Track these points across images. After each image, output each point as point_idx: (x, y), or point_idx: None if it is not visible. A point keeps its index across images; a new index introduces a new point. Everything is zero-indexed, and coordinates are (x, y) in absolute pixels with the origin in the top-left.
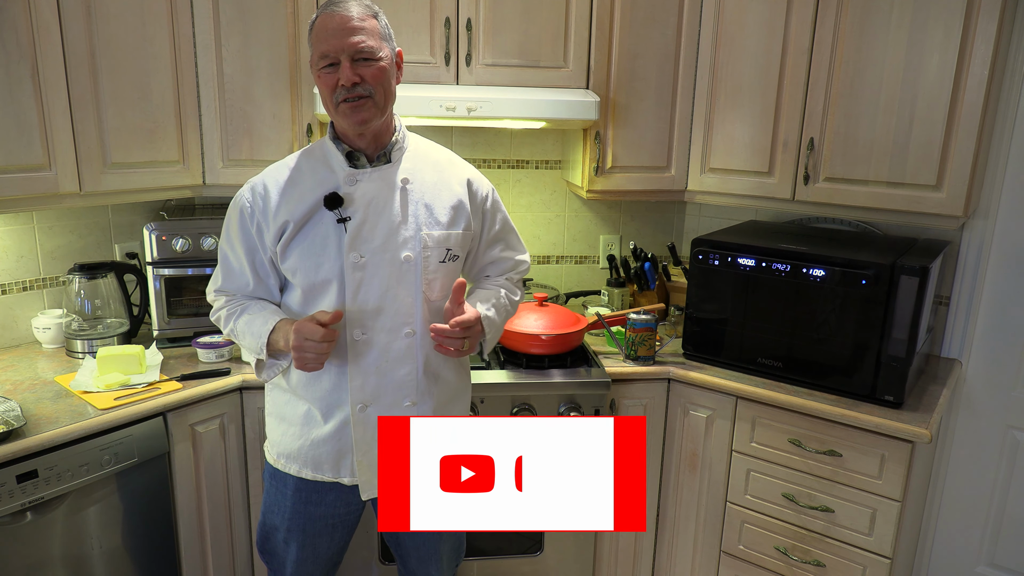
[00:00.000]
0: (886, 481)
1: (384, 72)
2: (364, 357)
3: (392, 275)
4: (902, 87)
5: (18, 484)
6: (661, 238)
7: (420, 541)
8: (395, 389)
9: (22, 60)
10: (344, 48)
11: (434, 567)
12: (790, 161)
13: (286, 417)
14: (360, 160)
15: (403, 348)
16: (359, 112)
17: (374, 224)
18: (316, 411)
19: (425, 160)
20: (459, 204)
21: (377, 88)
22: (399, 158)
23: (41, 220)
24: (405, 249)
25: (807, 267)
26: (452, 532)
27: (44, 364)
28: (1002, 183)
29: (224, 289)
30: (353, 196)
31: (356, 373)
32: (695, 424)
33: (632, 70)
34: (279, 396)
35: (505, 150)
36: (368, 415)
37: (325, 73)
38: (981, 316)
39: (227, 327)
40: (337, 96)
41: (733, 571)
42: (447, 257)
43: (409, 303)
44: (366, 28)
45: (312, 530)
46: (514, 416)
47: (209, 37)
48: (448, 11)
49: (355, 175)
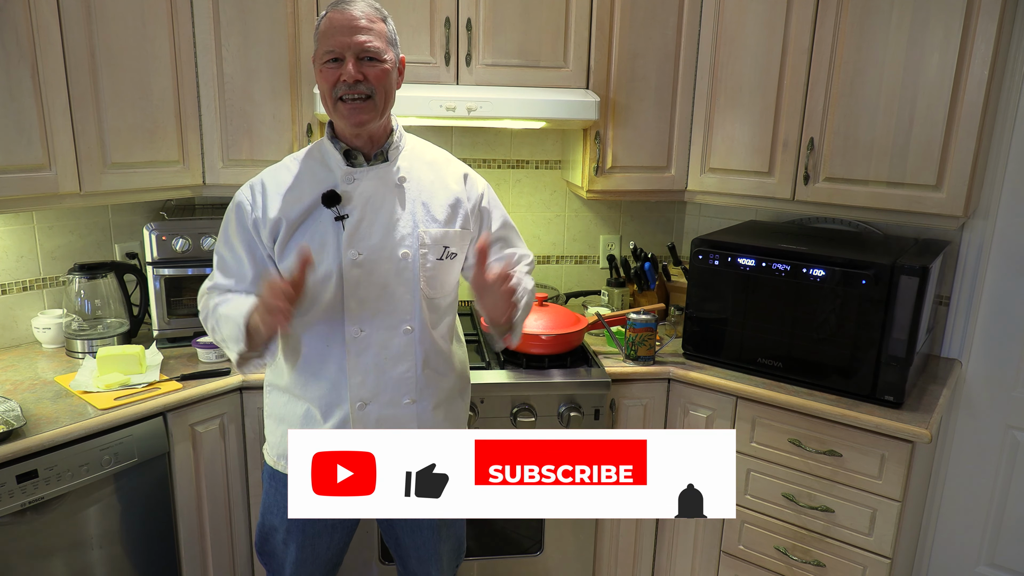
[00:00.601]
0: (886, 481)
1: (387, 74)
2: (363, 354)
3: (390, 272)
4: (902, 87)
5: (18, 484)
6: (661, 238)
7: (420, 541)
8: (394, 386)
9: (22, 60)
10: (351, 45)
11: (434, 568)
12: (790, 161)
13: (285, 418)
14: (358, 159)
15: (401, 345)
16: (358, 114)
17: (372, 222)
18: (315, 410)
19: (421, 159)
20: (456, 202)
21: (379, 89)
22: (396, 157)
23: (41, 220)
24: (403, 246)
25: (807, 267)
26: (452, 532)
27: (44, 364)
28: (1002, 183)
29: (218, 285)
30: (351, 194)
31: (355, 371)
32: (695, 424)
33: (632, 70)
34: (278, 397)
35: (505, 150)
36: (367, 413)
37: (328, 68)
38: (981, 316)
39: (210, 321)
40: (337, 91)
41: (733, 571)
42: (445, 255)
43: (407, 300)
44: (374, 29)
45: (311, 530)
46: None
47: (209, 37)
48: (448, 11)
49: (352, 173)
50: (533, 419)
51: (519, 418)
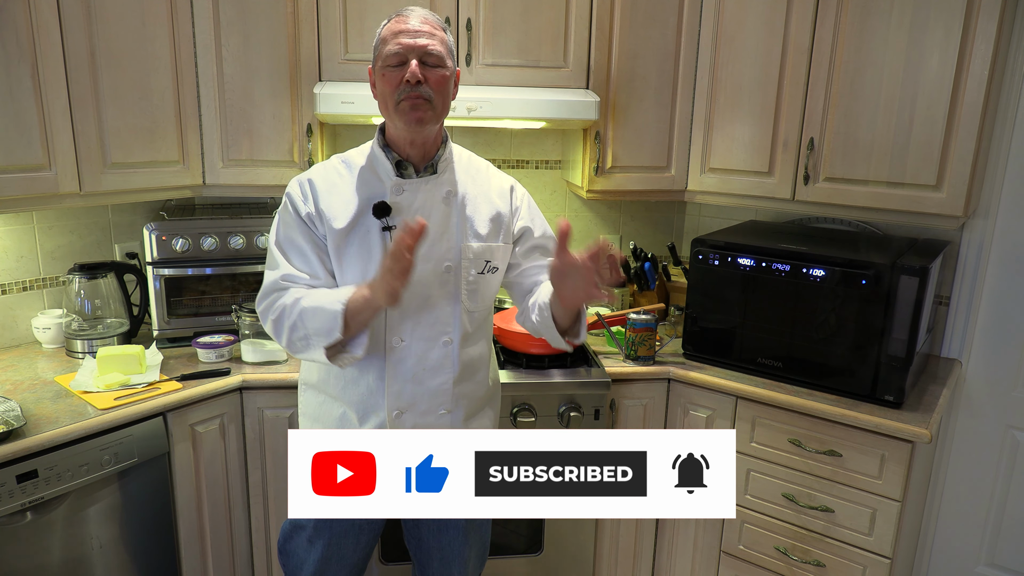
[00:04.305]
0: (886, 481)
1: (446, 81)
2: (402, 364)
3: (433, 284)
4: (902, 87)
5: (18, 484)
6: (661, 238)
7: (446, 542)
8: (431, 397)
9: (22, 60)
10: (415, 49)
11: (457, 570)
12: (790, 161)
13: (320, 418)
14: (408, 170)
15: (440, 357)
16: (418, 110)
17: None
18: (352, 414)
19: (467, 172)
20: (498, 216)
21: (438, 95)
22: (445, 169)
23: (41, 220)
24: (446, 259)
25: (807, 267)
26: (479, 536)
27: (44, 364)
28: (1002, 183)
29: (290, 276)
30: (400, 205)
31: (393, 379)
32: (695, 424)
33: (632, 70)
34: (314, 397)
35: (505, 150)
36: (403, 421)
37: (390, 71)
38: (981, 316)
39: (288, 319)
40: (399, 94)
41: (733, 571)
42: (486, 269)
43: (448, 312)
44: (437, 36)
45: (339, 529)
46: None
47: (209, 37)
48: (448, 11)
49: (402, 185)
50: (533, 419)
51: (519, 418)
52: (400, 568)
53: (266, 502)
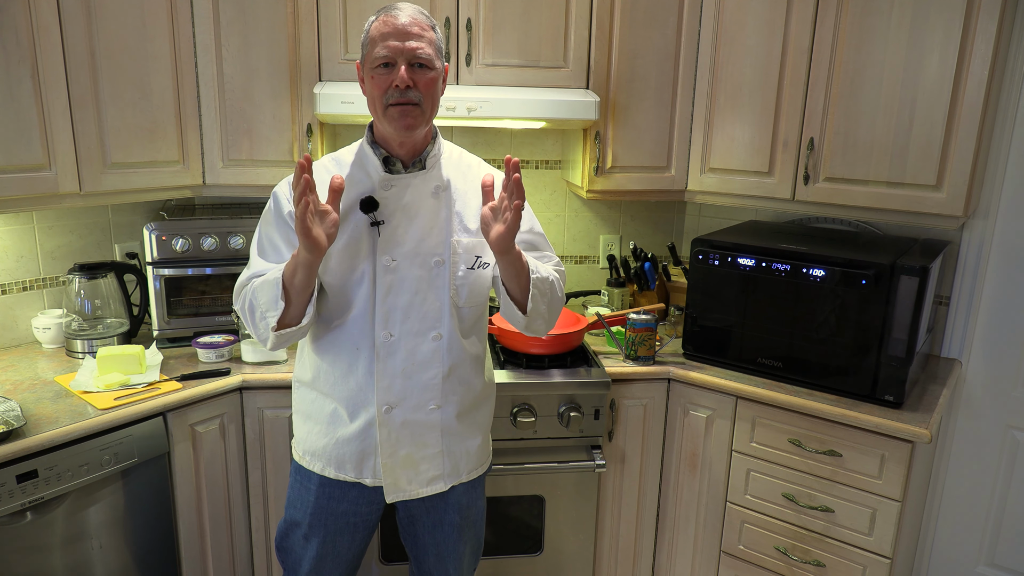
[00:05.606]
0: (886, 481)
1: (435, 83)
2: (391, 359)
3: (422, 279)
4: (902, 87)
5: (18, 484)
6: (661, 238)
7: (440, 538)
8: (420, 392)
9: (22, 60)
10: (403, 51)
11: (453, 566)
12: (790, 161)
13: (312, 415)
14: (396, 165)
15: (430, 352)
16: (407, 117)
17: (406, 229)
18: (343, 410)
19: (457, 167)
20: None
21: (426, 97)
22: (433, 164)
23: (41, 220)
24: (435, 254)
25: (807, 267)
26: (474, 533)
27: (44, 364)
28: (1002, 183)
29: (257, 273)
30: (388, 200)
31: (383, 375)
32: (695, 424)
33: (632, 70)
34: (306, 394)
35: (505, 150)
36: (393, 417)
37: (379, 74)
38: (981, 316)
39: (247, 300)
40: (388, 98)
41: (733, 571)
42: (476, 264)
43: (437, 307)
44: (425, 37)
45: (334, 526)
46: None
47: (209, 37)
48: (448, 11)
49: (390, 180)
50: (533, 419)
51: (519, 418)
52: (400, 568)
53: (266, 502)
